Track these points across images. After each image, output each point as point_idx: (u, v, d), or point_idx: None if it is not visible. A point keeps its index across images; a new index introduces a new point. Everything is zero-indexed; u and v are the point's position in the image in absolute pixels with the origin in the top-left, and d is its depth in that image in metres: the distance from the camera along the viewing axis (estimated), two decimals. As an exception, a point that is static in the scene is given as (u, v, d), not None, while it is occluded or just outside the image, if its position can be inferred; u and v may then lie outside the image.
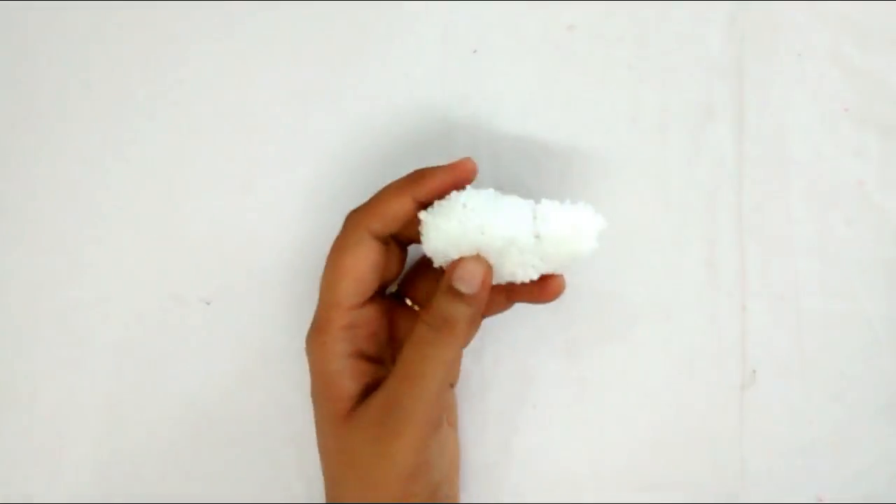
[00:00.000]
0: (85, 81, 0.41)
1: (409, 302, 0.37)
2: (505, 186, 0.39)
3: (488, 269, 0.33)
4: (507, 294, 0.35)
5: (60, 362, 0.40)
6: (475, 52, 0.40)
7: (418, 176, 0.34)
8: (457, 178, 0.33)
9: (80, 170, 0.41)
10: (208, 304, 0.40)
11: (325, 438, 0.34)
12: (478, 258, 0.32)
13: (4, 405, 0.40)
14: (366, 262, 0.33)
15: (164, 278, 0.40)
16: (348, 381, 0.33)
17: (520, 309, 0.39)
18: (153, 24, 0.41)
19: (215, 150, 0.41)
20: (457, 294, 0.32)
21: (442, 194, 0.33)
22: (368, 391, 0.33)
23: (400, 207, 0.33)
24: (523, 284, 0.34)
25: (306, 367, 0.38)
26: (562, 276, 0.34)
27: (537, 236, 0.33)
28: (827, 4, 0.40)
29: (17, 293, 0.40)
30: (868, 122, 0.39)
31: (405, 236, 0.35)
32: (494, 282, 0.33)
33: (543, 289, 0.34)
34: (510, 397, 0.39)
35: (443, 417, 0.34)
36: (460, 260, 0.33)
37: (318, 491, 0.38)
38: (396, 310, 0.37)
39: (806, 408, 0.38)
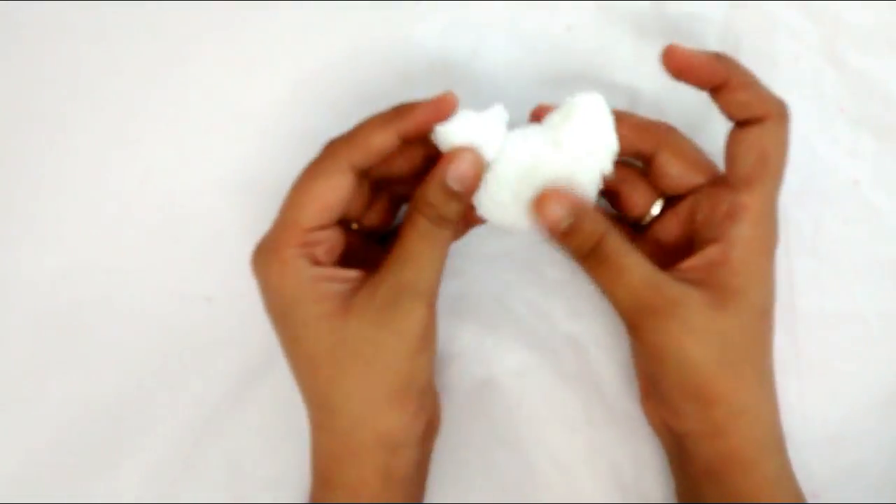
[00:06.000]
0: (85, 81, 0.41)
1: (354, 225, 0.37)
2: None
3: (480, 165, 0.33)
4: None
5: (63, 361, 0.40)
6: (475, 51, 0.41)
7: (402, 110, 0.33)
8: (439, 112, 0.33)
9: (81, 168, 0.41)
10: (210, 301, 0.40)
11: (312, 343, 0.34)
12: (470, 151, 0.32)
13: (8, 405, 0.40)
14: (336, 192, 0.33)
15: (166, 276, 0.40)
16: (325, 283, 0.33)
17: (518, 307, 0.40)
18: (153, 24, 0.41)
19: (216, 148, 0.41)
20: (448, 191, 0.32)
21: (426, 129, 0.33)
22: (350, 288, 0.34)
23: (382, 141, 0.33)
24: None
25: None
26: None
27: (557, 146, 0.33)
28: (822, 5, 0.40)
29: (19, 292, 0.40)
30: (863, 122, 0.40)
31: (380, 173, 0.35)
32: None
33: None
34: (507, 396, 0.39)
35: (436, 299, 0.35)
36: (453, 155, 0.33)
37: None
38: (349, 233, 0.36)
39: (802, 406, 0.39)
